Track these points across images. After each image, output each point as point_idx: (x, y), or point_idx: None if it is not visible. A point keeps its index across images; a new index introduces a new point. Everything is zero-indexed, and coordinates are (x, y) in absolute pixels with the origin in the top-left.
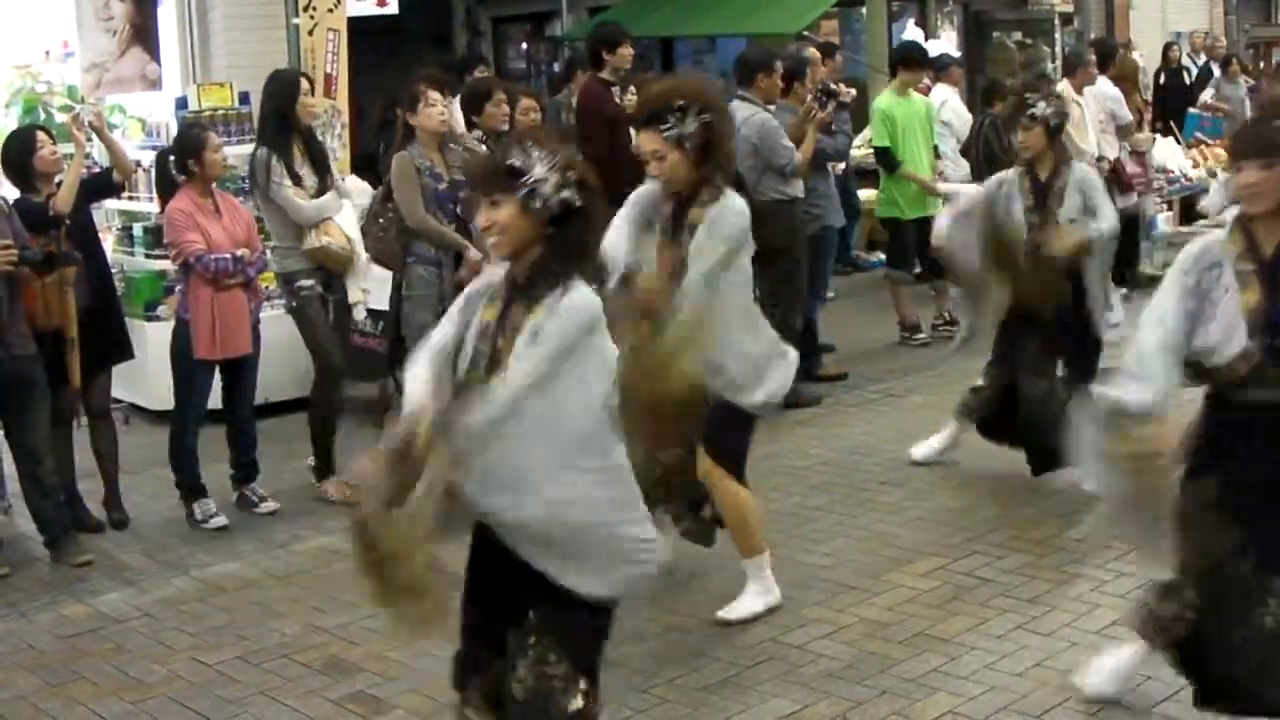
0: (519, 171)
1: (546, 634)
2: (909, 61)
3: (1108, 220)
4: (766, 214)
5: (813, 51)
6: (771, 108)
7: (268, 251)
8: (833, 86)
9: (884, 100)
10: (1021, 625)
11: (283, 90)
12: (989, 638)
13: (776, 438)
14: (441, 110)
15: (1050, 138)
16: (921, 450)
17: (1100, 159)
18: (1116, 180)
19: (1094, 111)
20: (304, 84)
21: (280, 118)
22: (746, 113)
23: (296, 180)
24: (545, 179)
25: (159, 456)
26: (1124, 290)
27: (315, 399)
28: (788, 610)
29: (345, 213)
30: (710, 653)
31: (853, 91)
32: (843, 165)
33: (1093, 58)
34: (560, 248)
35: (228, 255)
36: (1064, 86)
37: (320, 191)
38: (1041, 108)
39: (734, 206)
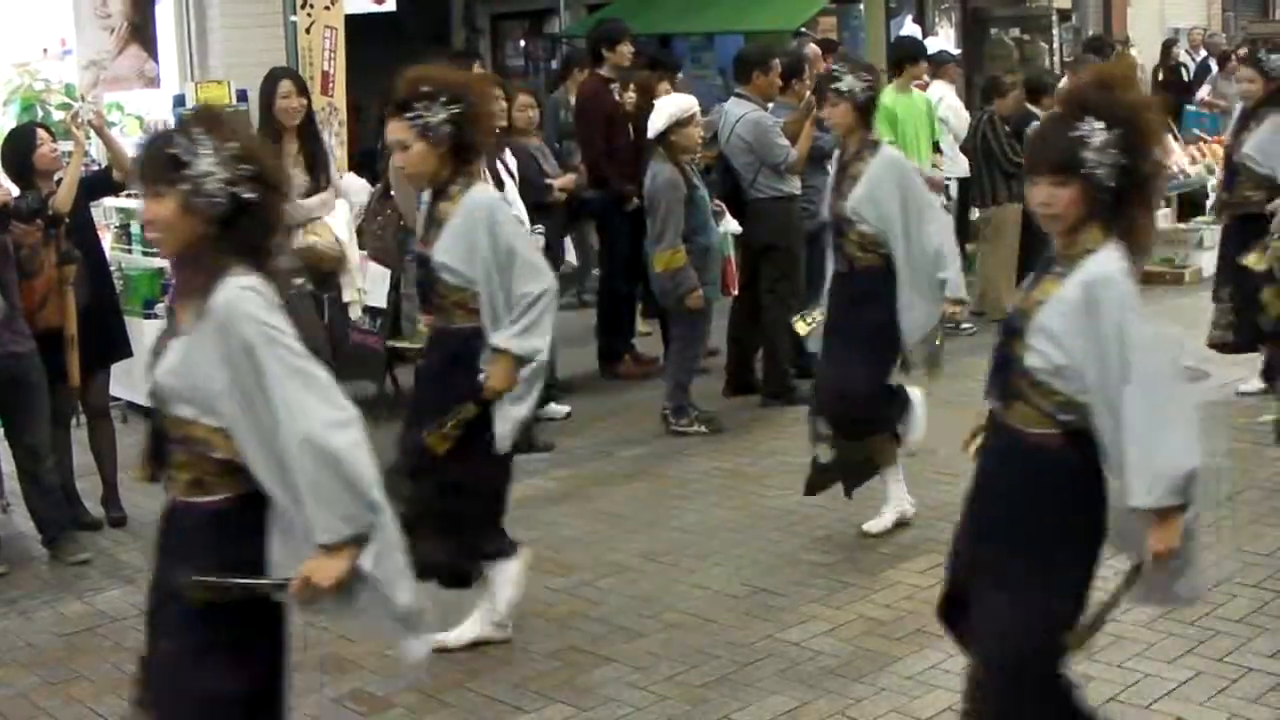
0: (181, 162)
1: None
2: (912, 58)
3: (932, 236)
4: (763, 211)
5: (812, 48)
6: (770, 105)
7: None
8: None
9: (885, 96)
10: None
11: (264, 91)
12: None
13: (777, 435)
14: None
15: (859, 115)
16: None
17: None
18: None
19: None
20: (286, 84)
21: (264, 118)
22: (742, 110)
23: None
24: (211, 173)
25: None
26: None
27: None
28: (786, 608)
29: (337, 212)
30: (708, 650)
31: None
32: None
33: (1093, 58)
34: (226, 249)
35: None
36: (1065, 84)
37: (311, 192)
38: (848, 82)
39: (486, 200)
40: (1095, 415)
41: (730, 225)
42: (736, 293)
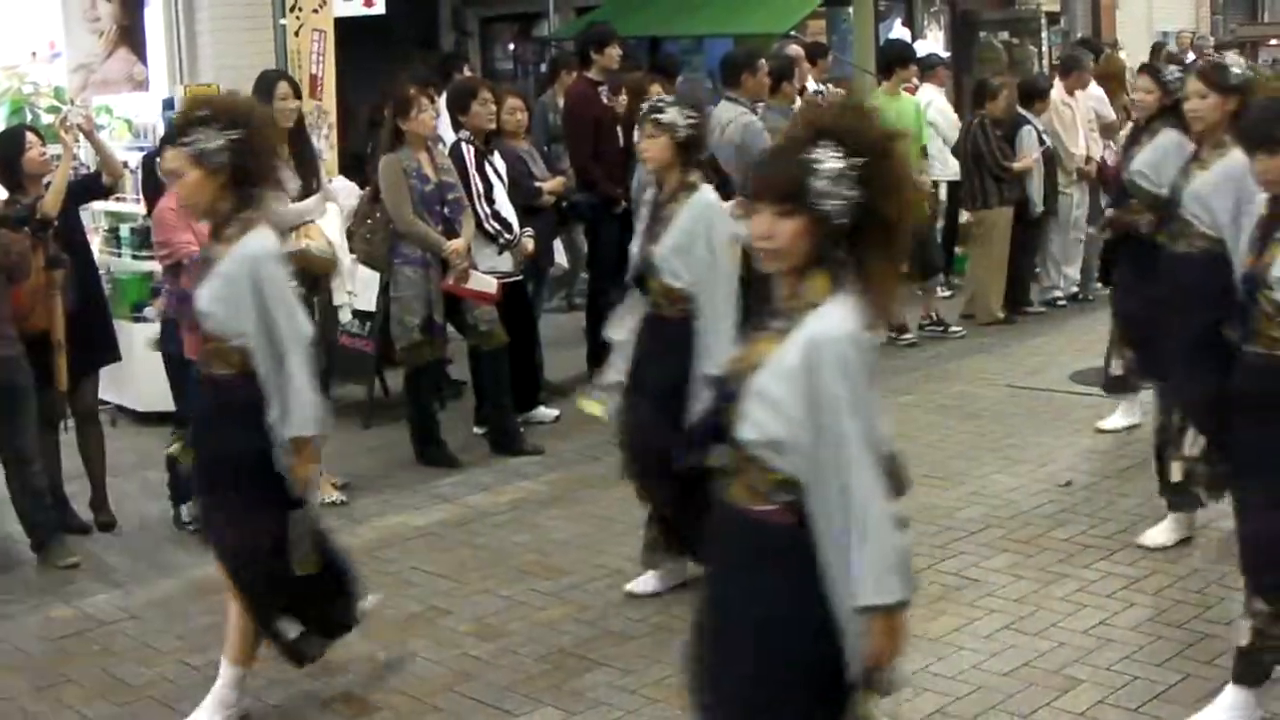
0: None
1: None
2: (902, 60)
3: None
4: None
5: (795, 48)
6: (759, 107)
7: None
8: (821, 96)
9: (876, 99)
10: (1009, 625)
11: (260, 91)
12: (977, 637)
13: None
14: (433, 115)
15: (679, 151)
16: None
17: (1089, 159)
18: (1102, 178)
19: (1083, 113)
20: (283, 87)
21: None
22: (732, 114)
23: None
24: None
25: (146, 458)
26: (1110, 289)
27: None
28: None
29: (329, 215)
30: None
31: (841, 92)
32: None
33: (1090, 62)
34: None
35: None
36: (1056, 88)
37: (304, 195)
38: (671, 115)
39: (258, 250)
40: (808, 496)
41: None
42: None
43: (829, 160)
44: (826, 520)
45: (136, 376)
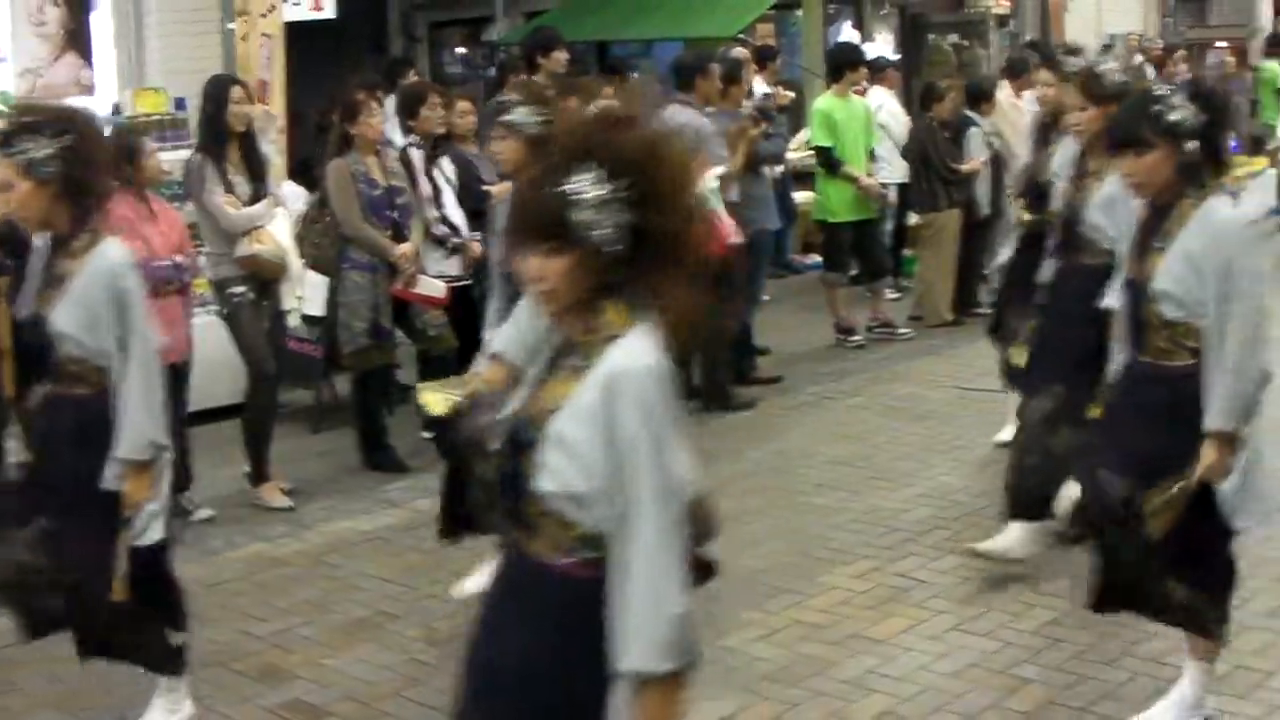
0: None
1: None
2: (851, 63)
3: None
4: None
5: (741, 51)
6: (710, 110)
7: (201, 257)
8: (770, 99)
9: (824, 101)
10: (957, 626)
11: (214, 95)
12: (925, 638)
13: (711, 441)
14: (381, 119)
15: (531, 151)
16: None
17: None
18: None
19: (1028, 115)
20: (237, 90)
21: (212, 123)
22: (685, 117)
23: (230, 187)
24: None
25: None
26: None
27: (249, 405)
28: (722, 614)
29: (279, 220)
30: None
31: (790, 94)
32: (780, 168)
33: (1037, 62)
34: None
35: (168, 262)
36: (1004, 90)
37: (254, 199)
38: (520, 114)
39: (114, 263)
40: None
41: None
42: (739, 240)
43: (589, 188)
44: (614, 578)
45: None
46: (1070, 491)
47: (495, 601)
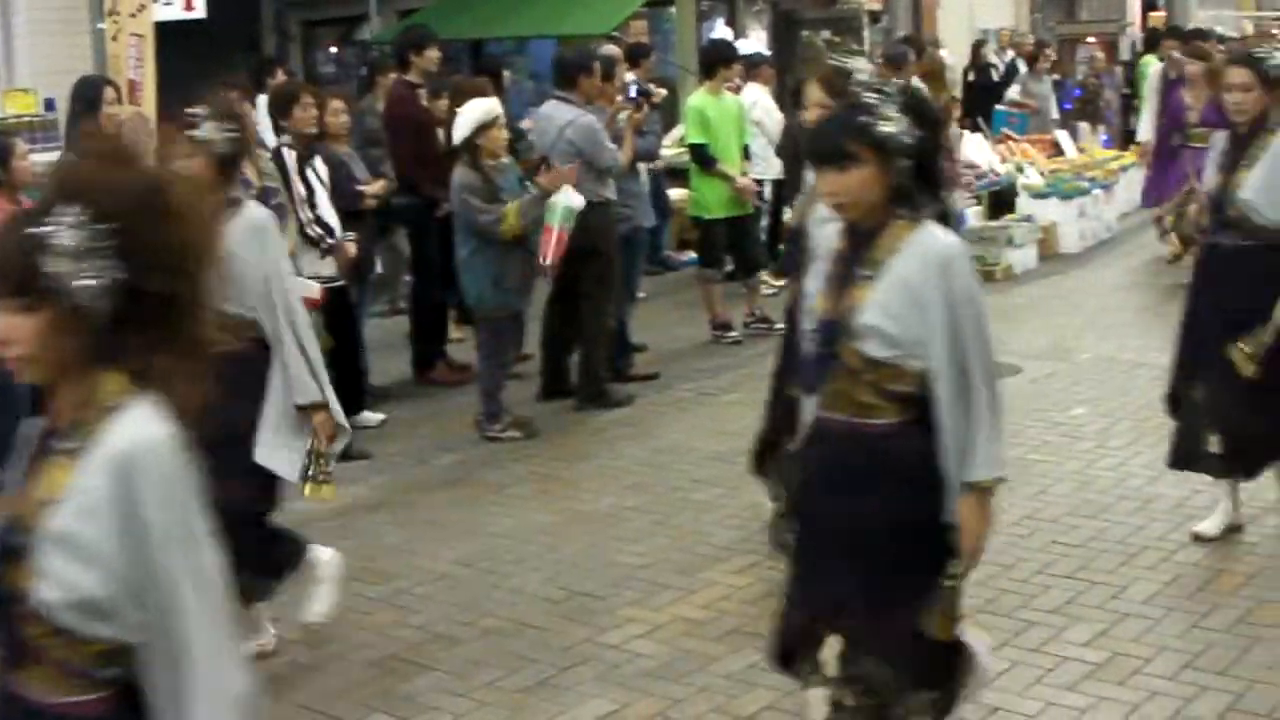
0: None
1: None
2: (724, 60)
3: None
4: (584, 215)
5: (612, 48)
6: (590, 108)
7: None
8: (648, 86)
9: (697, 98)
10: None
11: (84, 97)
12: None
13: (589, 438)
14: (255, 120)
15: (220, 171)
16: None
17: None
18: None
19: None
20: (109, 92)
21: (83, 122)
22: (570, 115)
23: None
24: None
25: None
26: None
27: None
28: (604, 611)
29: None
30: (528, 655)
31: (663, 91)
32: (654, 165)
33: (914, 57)
34: None
35: None
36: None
37: None
38: (207, 130)
39: None
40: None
41: (569, 199)
42: (552, 261)
43: (66, 232)
44: (160, 688)
45: None
46: None
47: None
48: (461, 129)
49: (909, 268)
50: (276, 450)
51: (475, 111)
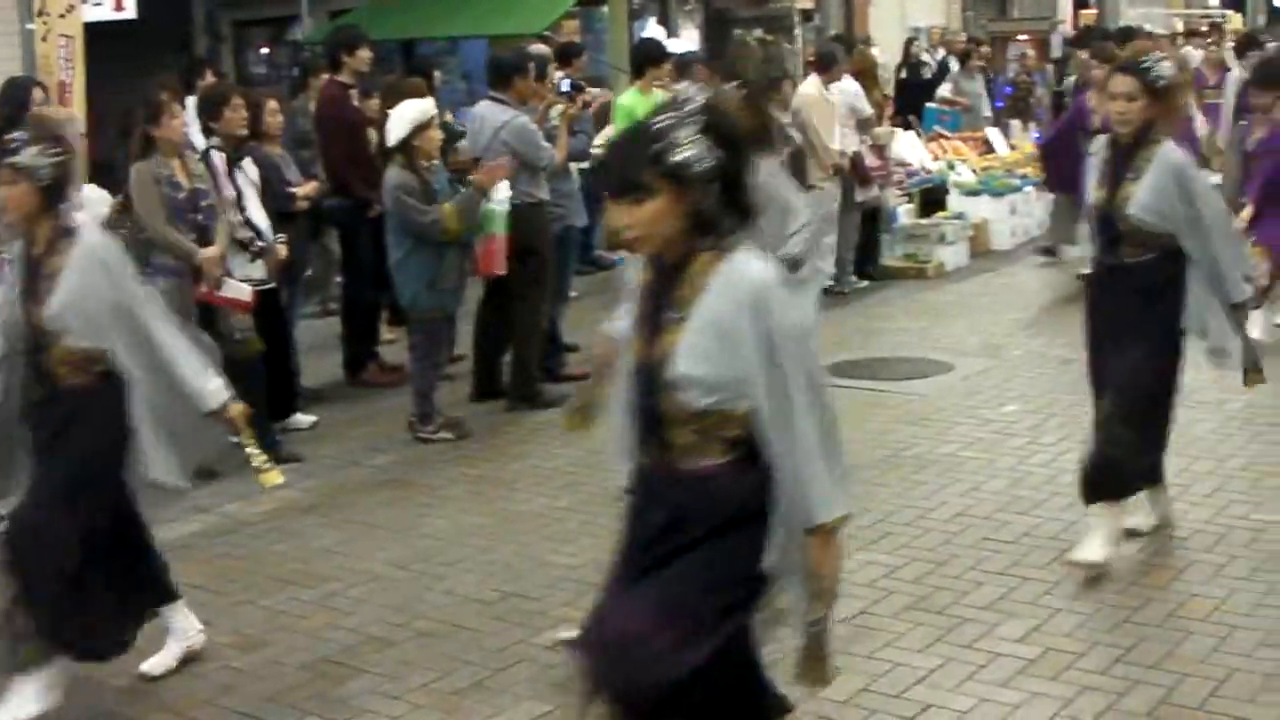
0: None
1: None
2: (653, 59)
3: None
4: (518, 216)
5: (541, 47)
6: (524, 108)
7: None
8: (579, 82)
9: (628, 98)
10: None
11: (13, 97)
12: None
13: (522, 439)
14: (184, 121)
15: (43, 198)
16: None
17: (842, 153)
18: (856, 173)
19: (838, 108)
20: (38, 92)
21: (12, 126)
22: (505, 115)
23: None
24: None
25: None
26: (866, 282)
27: None
28: (538, 611)
29: None
30: (461, 657)
31: (596, 91)
32: (586, 164)
33: (843, 55)
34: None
35: None
36: (813, 82)
37: None
38: (29, 156)
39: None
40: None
41: (504, 196)
42: (502, 272)
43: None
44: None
45: None
46: None
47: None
48: (397, 130)
49: (719, 306)
50: (167, 461)
51: (411, 112)
